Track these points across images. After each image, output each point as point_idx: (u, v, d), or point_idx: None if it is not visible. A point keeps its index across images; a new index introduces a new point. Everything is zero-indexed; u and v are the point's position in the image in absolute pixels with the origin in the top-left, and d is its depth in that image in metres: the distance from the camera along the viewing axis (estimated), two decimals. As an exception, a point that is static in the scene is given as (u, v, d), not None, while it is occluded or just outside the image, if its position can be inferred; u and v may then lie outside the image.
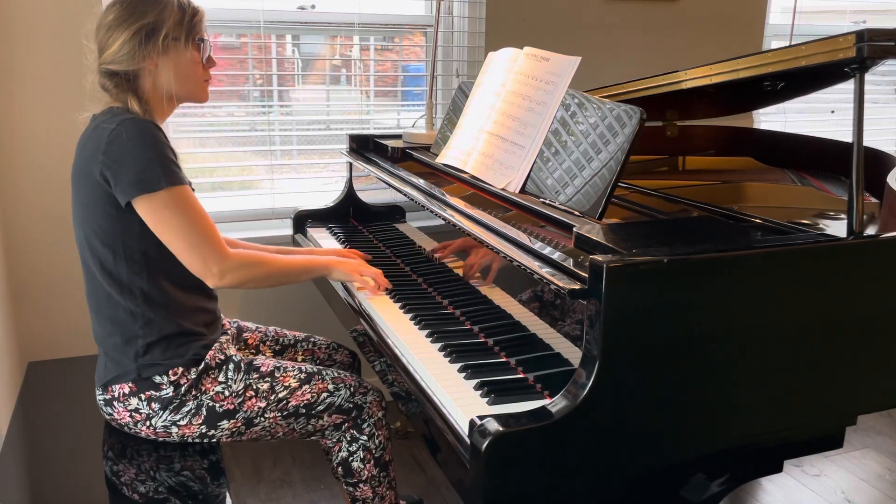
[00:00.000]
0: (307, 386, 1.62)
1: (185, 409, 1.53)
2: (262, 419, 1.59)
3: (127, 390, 1.52)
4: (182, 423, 1.54)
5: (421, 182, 1.91)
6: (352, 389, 1.66)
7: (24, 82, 2.22)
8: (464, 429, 1.18)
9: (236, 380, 1.57)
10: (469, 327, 1.57)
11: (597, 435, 1.17)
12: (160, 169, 1.43)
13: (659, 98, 1.85)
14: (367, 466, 1.68)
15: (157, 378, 1.51)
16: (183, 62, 1.54)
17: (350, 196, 2.43)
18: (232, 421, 1.56)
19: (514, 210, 1.61)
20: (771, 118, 3.25)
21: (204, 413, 1.54)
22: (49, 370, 2.00)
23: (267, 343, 1.91)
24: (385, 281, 1.75)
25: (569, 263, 1.25)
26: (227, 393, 1.56)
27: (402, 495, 1.83)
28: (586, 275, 1.16)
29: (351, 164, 2.39)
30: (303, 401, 1.61)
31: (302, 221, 2.37)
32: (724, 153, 2.38)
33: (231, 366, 1.58)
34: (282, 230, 2.53)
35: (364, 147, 2.40)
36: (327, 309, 2.15)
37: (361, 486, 1.69)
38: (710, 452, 1.30)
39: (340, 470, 1.70)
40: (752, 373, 1.28)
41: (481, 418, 1.13)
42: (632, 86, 1.89)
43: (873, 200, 1.71)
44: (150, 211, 1.45)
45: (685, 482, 1.36)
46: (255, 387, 1.58)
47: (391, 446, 1.73)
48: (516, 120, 1.70)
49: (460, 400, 1.26)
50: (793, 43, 1.52)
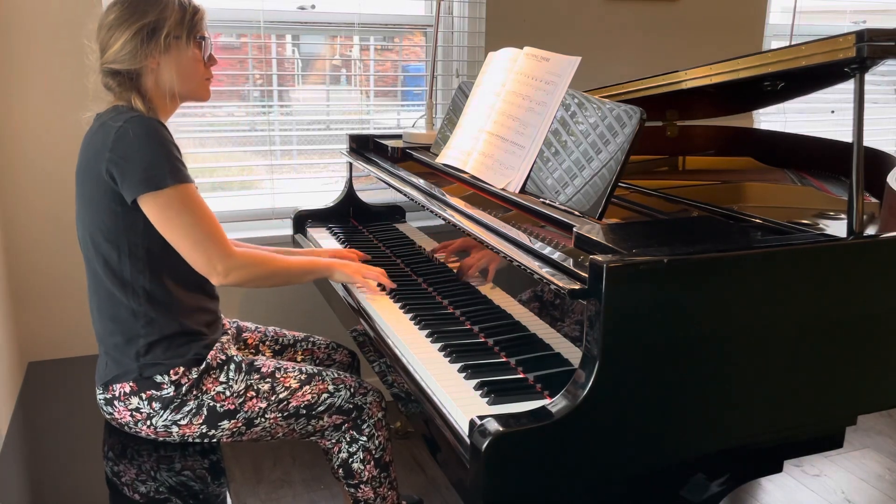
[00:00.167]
0: (308, 387, 1.62)
1: (186, 409, 1.53)
2: (263, 419, 1.59)
3: (128, 389, 1.52)
4: (183, 423, 1.54)
5: (421, 182, 1.91)
6: (352, 390, 1.66)
7: (24, 83, 2.22)
8: (464, 429, 1.18)
9: (237, 380, 1.57)
10: (469, 327, 1.57)
11: (597, 435, 1.17)
12: (167, 166, 1.43)
13: (659, 98, 1.85)
14: (368, 467, 1.68)
15: (159, 377, 1.51)
16: (184, 60, 1.54)
17: (350, 196, 2.43)
18: (232, 421, 1.56)
19: (514, 210, 1.61)
20: (771, 118, 3.25)
21: (205, 413, 1.54)
22: (49, 370, 2.00)
23: (266, 343, 1.91)
24: (388, 281, 1.76)
25: (569, 263, 1.25)
26: (228, 393, 1.56)
27: (403, 495, 1.83)
28: (586, 275, 1.16)
29: (351, 164, 2.39)
30: (303, 401, 1.61)
31: (302, 221, 2.37)
32: (724, 153, 2.38)
33: (232, 366, 1.58)
34: (282, 230, 2.53)
35: (364, 147, 2.40)
36: (327, 309, 2.15)
37: (362, 487, 1.69)
38: (710, 452, 1.30)
39: (341, 471, 1.70)
40: (752, 373, 1.28)
41: (481, 418, 1.13)
42: (632, 86, 1.89)
43: (873, 200, 1.71)
44: (156, 208, 1.45)
45: (685, 482, 1.36)
46: (256, 387, 1.58)
47: (391, 447, 1.73)
48: (516, 120, 1.70)
49: (460, 400, 1.26)
50: (793, 43, 1.52)
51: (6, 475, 1.53)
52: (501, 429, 1.09)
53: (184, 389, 1.52)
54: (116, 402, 1.54)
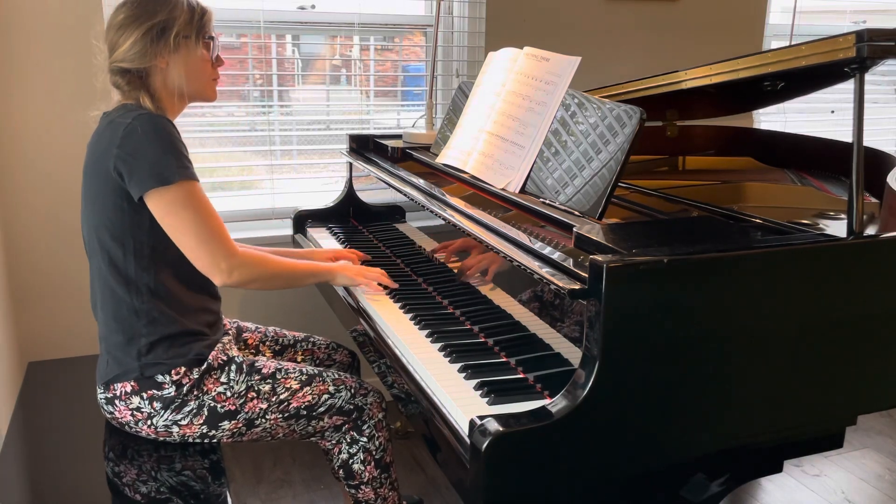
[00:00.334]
0: (308, 388, 1.62)
1: (187, 409, 1.53)
2: (263, 420, 1.59)
3: (129, 389, 1.52)
4: (183, 423, 1.54)
5: (421, 182, 1.91)
6: (352, 391, 1.66)
7: (25, 83, 2.22)
8: (464, 429, 1.18)
9: (238, 381, 1.57)
10: (469, 327, 1.57)
11: (597, 435, 1.17)
12: (174, 163, 1.44)
13: (659, 98, 1.86)
14: (368, 468, 1.68)
15: (160, 377, 1.51)
16: (193, 60, 1.56)
17: (350, 196, 2.43)
18: (233, 422, 1.56)
19: (514, 210, 1.61)
20: (771, 118, 3.25)
21: (205, 413, 1.54)
22: (49, 370, 2.00)
23: (266, 343, 1.91)
24: (390, 281, 1.76)
25: (569, 263, 1.25)
26: (229, 394, 1.56)
27: (403, 495, 1.83)
28: (586, 275, 1.16)
29: (351, 164, 2.39)
30: (304, 402, 1.61)
31: (302, 221, 2.37)
32: (724, 153, 2.38)
33: (233, 367, 1.58)
34: (282, 230, 2.53)
35: (364, 147, 2.40)
36: (327, 309, 2.15)
37: (363, 488, 1.69)
38: (710, 452, 1.30)
39: (342, 472, 1.70)
40: (753, 373, 1.28)
41: (481, 418, 1.13)
42: (632, 86, 1.89)
43: (873, 200, 1.71)
44: (162, 204, 1.45)
45: (685, 482, 1.36)
46: (257, 388, 1.58)
47: (392, 447, 1.73)
48: (516, 120, 1.70)
49: (460, 400, 1.26)
50: (793, 43, 1.52)
51: (6, 475, 1.53)
52: (501, 429, 1.09)
53: (185, 389, 1.52)
54: (117, 402, 1.54)
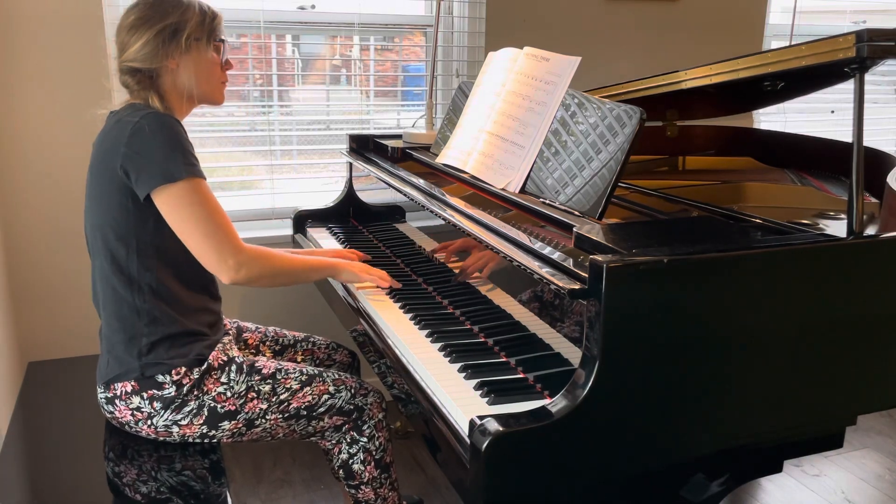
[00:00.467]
0: (308, 388, 1.62)
1: (187, 409, 1.53)
2: (263, 420, 1.59)
3: (129, 388, 1.52)
4: (183, 423, 1.54)
5: (421, 182, 1.91)
6: (352, 391, 1.66)
7: (25, 84, 2.22)
8: (464, 429, 1.18)
9: (238, 381, 1.57)
10: (469, 327, 1.57)
11: (597, 435, 1.17)
12: (181, 160, 1.45)
13: (659, 98, 1.86)
14: (368, 468, 1.68)
15: (160, 377, 1.51)
16: (203, 62, 1.57)
17: (350, 196, 2.43)
18: (233, 422, 1.56)
19: (514, 210, 1.61)
20: (771, 118, 3.25)
21: (205, 413, 1.54)
22: (49, 370, 2.00)
23: (266, 343, 1.91)
24: (394, 281, 1.76)
25: (569, 263, 1.25)
26: (230, 394, 1.56)
27: (403, 495, 1.83)
28: (586, 275, 1.16)
29: (351, 164, 2.39)
30: (304, 402, 1.61)
31: (302, 221, 2.38)
32: (724, 153, 2.38)
33: (234, 367, 1.58)
34: (282, 230, 2.53)
35: (364, 147, 2.40)
36: (327, 309, 2.15)
37: (363, 488, 1.69)
38: (710, 452, 1.30)
39: (342, 472, 1.70)
40: (752, 373, 1.28)
41: (481, 418, 1.13)
42: (632, 86, 1.89)
43: (873, 200, 1.71)
44: (170, 201, 1.46)
45: (685, 482, 1.36)
46: (257, 388, 1.58)
47: (392, 447, 1.73)
48: (516, 120, 1.70)
49: (460, 400, 1.26)
50: (793, 43, 1.52)
51: (6, 475, 1.53)
52: (501, 429, 1.09)
53: (185, 390, 1.52)
54: (117, 401, 1.54)
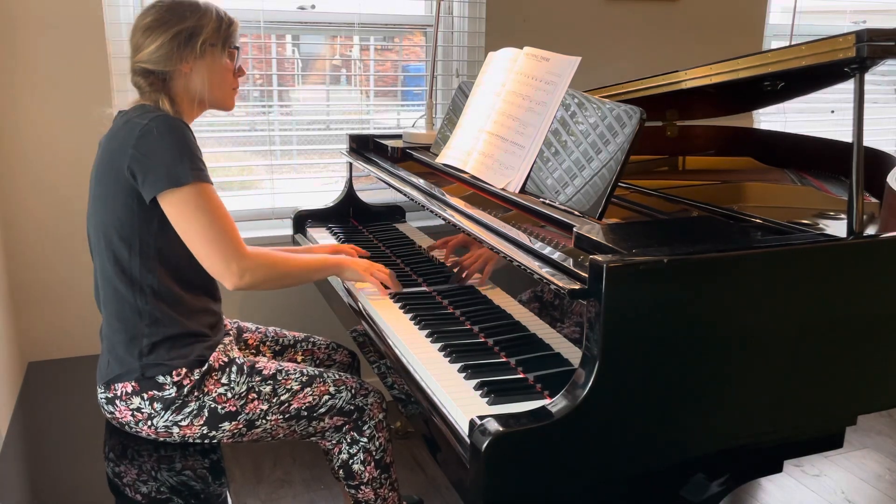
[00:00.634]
0: (309, 388, 1.62)
1: (187, 410, 1.53)
2: (264, 421, 1.59)
3: (129, 389, 1.52)
4: (183, 424, 1.54)
5: (421, 182, 1.91)
6: (353, 392, 1.66)
7: (26, 85, 2.22)
8: (464, 429, 1.18)
9: (239, 382, 1.57)
10: (469, 327, 1.57)
11: (597, 435, 1.17)
12: (188, 164, 1.45)
13: (659, 98, 1.85)
14: (368, 468, 1.68)
15: (161, 378, 1.51)
16: (217, 68, 1.57)
17: (350, 196, 2.43)
18: (233, 423, 1.56)
19: (514, 210, 1.61)
20: (771, 118, 3.25)
21: (206, 414, 1.54)
22: (49, 370, 2.00)
23: (267, 343, 1.91)
24: (396, 283, 1.75)
25: (569, 263, 1.25)
26: (230, 395, 1.56)
27: (403, 496, 1.83)
28: (586, 275, 1.16)
29: (351, 164, 2.39)
30: (304, 403, 1.61)
31: (302, 221, 2.38)
32: (724, 153, 2.38)
33: (234, 368, 1.58)
34: (282, 230, 2.53)
35: (364, 147, 2.40)
36: (327, 309, 2.15)
37: (363, 489, 1.69)
38: (711, 452, 1.30)
39: (342, 472, 1.70)
40: (753, 373, 1.28)
41: (481, 418, 1.13)
42: (632, 86, 1.89)
43: (873, 200, 1.71)
44: (176, 205, 1.46)
45: (685, 482, 1.36)
46: (258, 389, 1.58)
47: (392, 448, 1.73)
48: (516, 120, 1.70)
49: (460, 400, 1.26)
50: (793, 43, 1.52)
51: (6, 475, 1.53)
52: (501, 429, 1.09)
53: (185, 390, 1.52)
54: (118, 402, 1.54)
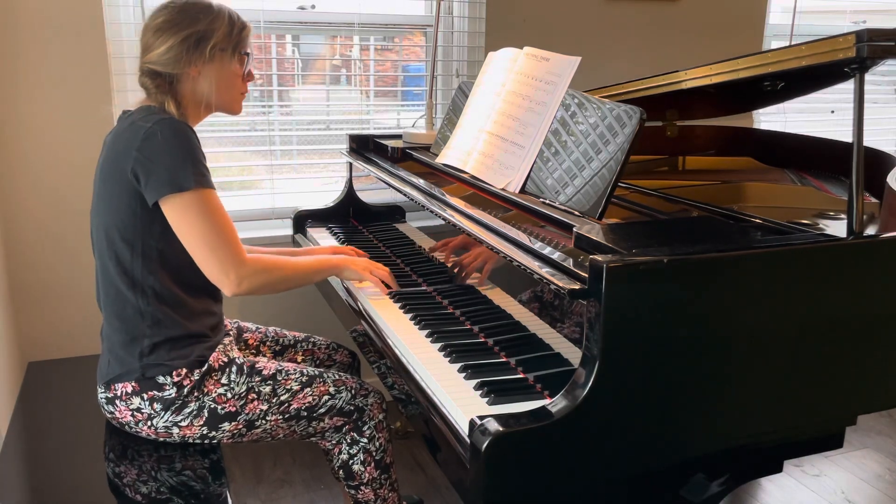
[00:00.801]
0: (309, 389, 1.62)
1: (187, 411, 1.53)
2: (264, 422, 1.59)
3: (130, 389, 1.52)
4: (183, 424, 1.54)
5: (421, 182, 1.91)
6: (353, 392, 1.66)
7: (26, 85, 2.22)
8: (464, 429, 1.18)
9: (239, 382, 1.57)
10: (469, 327, 1.57)
11: (597, 435, 1.17)
12: (191, 169, 1.44)
13: (659, 98, 1.86)
14: (368, 469, 1.68)
15: (161, 378, 1.51)
16: (226, 73, 1.57)
17: (350, 196, 2.43)
18: (233, 423, 1.56)
19: (514, 210, 1.61)
20: (771, 118, 3.25)
21: (206, 415, 1.54)
22: (49, 370, 2.00)
23: (267, 343, 1.91)
24: (393, 282, 1.76)
25: (569, 263, 1.25)
26: (230, 395, 1.56)
27: (403, 496, 1.83)
28: (586, 275, 1.16)
29: (351, 164, 2.39)
30: (304, 403, 1.61)
31: (302, 221, 2.38)
32: (724, 153, 2.38)
33: (234, 368, 1.58)
34: (282, 230, 2.53)
35: (364, 147, 2.40)
36: (327, 309, 2.15)
37: (363, 489, 1.69)
38: (710, 452, 1.30)
39: (342, 473, 1.70)
40: (753, 373, 1.28)
41: (481, 418, 1.13)
42: (632, 86, 1.89)
43: (873, 200, 1.71)
44: (177, 210, 1.45)
45: (685, 482, 1.36)
46: (258, 389, 1.58)
47: (392, 448, 1.73)
48: (516, 120, 1.70)
49: (460, 400, 1.26)
50: (793, 43, 1.52)
51: (6, 475, 1.53)
52: (501, 429, 1.09)
53: (185, 391, 1.52)
54: (118, 402, 1.54)
